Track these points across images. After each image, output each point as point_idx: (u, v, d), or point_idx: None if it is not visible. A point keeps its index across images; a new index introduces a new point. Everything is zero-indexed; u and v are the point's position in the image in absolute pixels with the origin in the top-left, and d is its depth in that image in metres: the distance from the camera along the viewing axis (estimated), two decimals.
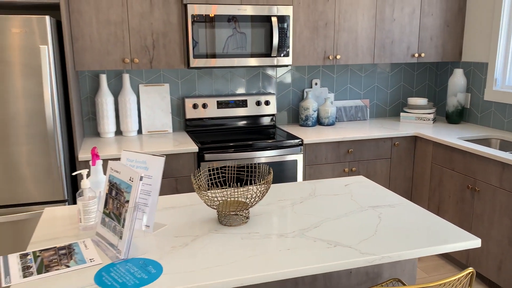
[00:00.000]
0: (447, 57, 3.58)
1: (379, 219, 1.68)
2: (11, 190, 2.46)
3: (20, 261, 1.38)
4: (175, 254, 1.42)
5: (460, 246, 1.48)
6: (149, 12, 2.84)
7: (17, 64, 2.34)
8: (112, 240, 1.42)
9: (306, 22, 3.18)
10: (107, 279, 1.27)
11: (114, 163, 1.49)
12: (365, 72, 3.76)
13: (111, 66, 2.84)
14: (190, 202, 1.88)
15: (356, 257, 1.39)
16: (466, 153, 2.83)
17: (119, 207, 1.43)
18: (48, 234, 1.58)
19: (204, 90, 3.39)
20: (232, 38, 2.95)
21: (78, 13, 2.72)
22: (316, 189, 2.05)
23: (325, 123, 3.50)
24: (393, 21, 3.38)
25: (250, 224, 1.65)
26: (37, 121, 2.42)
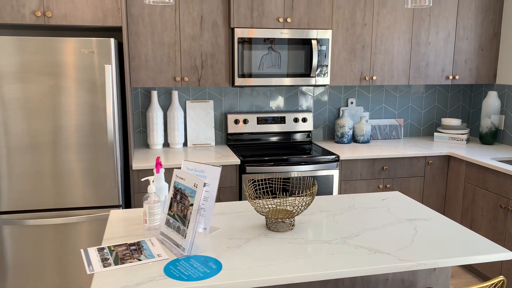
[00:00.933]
0: (481, 79, 3.67)
1: (415, 231, 1.82)
2: (68, 194, 2.71)
3: (98, 254, 1.59)
4: (231, 253, 1.60)
5: (492, 257, 1.60)
6: (199, 35, 3.09)
7: (85, 81, 2.61)
8: (177, 239, 1.62)
9: (344, 44, 3.36)
10: (175, 271, 1.46)
11: (179, 171, 1.70)
12: (399, 93, 3.89)
13: (163, 84, 3.09)
14: (239, 210, 2.07)
15: (395, 263, 1.53)
16: (500, 173, 2.92)
17: (183, 209, 1.62)
18: (117, 232, 1.80)
19: (245, 107, 3.60)
20: (273, 60, 3.16)
21: (136, 35, 2.99)
22: (355, 202, 2.20)
23: (360, 141, 3.64)
24: (428, 45, 3.52)
25: (296, 231, 1.82)
26: (99, 132, 2.68)
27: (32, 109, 2.58)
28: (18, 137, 2.60)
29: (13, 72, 2.53)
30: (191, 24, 3.06)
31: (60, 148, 2.65)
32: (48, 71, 2.57)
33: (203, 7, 3.05)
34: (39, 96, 2.58)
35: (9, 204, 2.66)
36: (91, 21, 2.70)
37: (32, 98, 2.57)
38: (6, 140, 2.59)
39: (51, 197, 2.70)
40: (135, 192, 2.92)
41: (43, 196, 2.69)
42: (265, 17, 3.12)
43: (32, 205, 2.69)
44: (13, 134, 2.59)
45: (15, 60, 2.52)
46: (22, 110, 2.57)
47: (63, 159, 2.67)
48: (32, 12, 2.62)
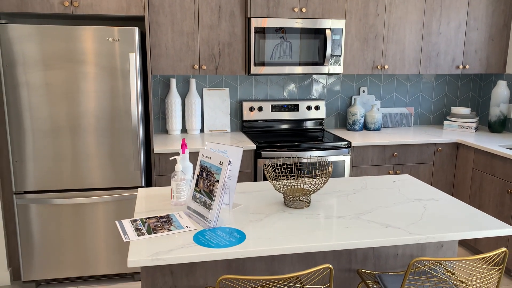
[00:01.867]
0: (491, 69, 3.75)
1: (424, 209, 1.94)
2: (92, 176, 2.86)
3: (132, 225, 1.73)
4: (253, 226, 1.73)
5: (496, 232, 1.72)
6: (217, 24, 3.20)
7: (109, 68, 2.75)
8: (203, 212, 1.76)
9: (357, 34, 3.45)
10: (203, 240, 1.60)
11: (205, 150, 1.83)
12: (410, 82, 3.98)
13: (182, 72, 3.21)
14: (258, 189, 2.20)
15: (405, 236, 1.66)
16: (507, 160, 3.02)
17: (209, 185, 1.76)
18: (147, 207, 1.94)
19: (260, 95, 3.72)
20: (288, 48, 3.27)
21: (157, 24, 3.12)
22: (367, 184, 2.32)
23: (371, 128, 3.75)
24: (439, 35, 3.60)
25: (312, 208, 1.95)
26: (124, 117, 2.82)
27: (57, 95, 2.73)
28: (44, 121, 2.75)
29: (39, 59, 2.67)
30: (209, 13, 3.18)
31: (84, 132, 2.80)
32: (73, 58, 2.70)
33: None
34: (64, 82, 2.72)
35: (35, 184, 2.82)
36: (115, 10, 2.83)
37: (58, 84, 2.72)
38: (32, 124, 2.74)
39: (74, 178, 2.85)
40: (156, 174, 3.06)
41: (66, 177, 2.84)
42: (280, 7, 3.22)
43: (56, 185, 2.84)
44: (40, 118, 2.74)
45: (42, 47, 2.66)
46: (47, 95, 2.72)
47: (86, 142, 2.81)
48: (60, 2, 2.75)
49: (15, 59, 2.65)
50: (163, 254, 1.50)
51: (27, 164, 2.78)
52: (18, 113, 2.71)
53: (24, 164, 2.78)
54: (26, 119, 2.73)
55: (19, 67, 2.66)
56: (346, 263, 1.95)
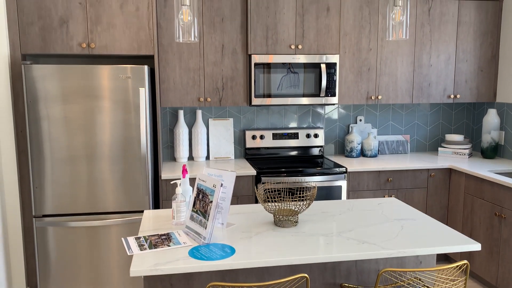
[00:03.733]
0: (481, 98, 3.95)
1: (401, 227, 2.13)
2: (103, 200, 3.12)
3: (136, 241, 1.96)
4: (243, 242, 1.94)
5: (462, 248, 1.89)
6: (221, 61, 3.50)
7: (122, 102, 3.04)
8: (199, 230, 1.98)
9: (351, 67, 3.71)
10: (197, 254, 1.82)
11: (201, 174, 2.07)
12: (406, 110, 4.20)
13: (189, 104, 3.49)
14: (251, 210, 2.42)
15: (378, 250, 1.84)
16: (494, 184, 3.18)
17: (204, 206, 1.99)
18: (151, 226, 2.17)
19: (261, 124, 3.97)
20: (286, 81, 3.53)
21: (166, 61, 3.42)
22: (354, 206, 2.52)
23: (368, 155, 3.95)
24: (430, 67, 3.83)
25: (299, 227, 2.15)
26: (133, 146, 3.09)
27: (74, 126, 3.02)
28: (62, 150, 3.03)
29: (59, 95, 2.98)
30: (214, 51, 3.48)
31: (97, 160, 3.07)
32: (90, 94, 3.01)
33: (224, 37, 3.47)
34: (81, 115, 3.02)
35: (53, 208, 3.08)
36: (127, 50, 3.15)
37: (75, 117, 3.01)
38: (51, 153, 3.02)
39: (89, 202, 3.11)
40: (163, 199, 3.30)
41: (81, 201, 3.10)
42: (278, 45, 3.51)
43: (73, 209, 3.10)
44: (58, 148, 3.02)
45: (62, 85, 2.97)
46: (66, 127, 3.01)
47: (100, 169, 3.08)
48: (78, 44, 3.09)
49: (38, 95, 2.96)
50: (161, 265, 1.72)
51: (46, 190, 3.05)
52: (39, 143, 3.00)
53: (43, 190, 3.05)
54: (46, 149, 3.01)
55: (41, 102, 2.97)
56: (330, 277, 2.13)
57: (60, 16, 3.04)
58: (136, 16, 3.12)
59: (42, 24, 3.03)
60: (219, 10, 3.44)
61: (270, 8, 3.46)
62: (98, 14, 3.08)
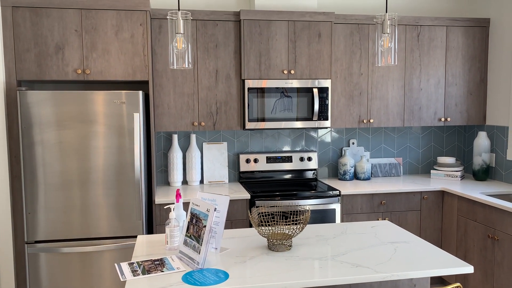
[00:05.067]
0: (471, 121, 4.02)
1: (394, 250, 2.14)
2: (96, 225, 3.10)
3: (129, 267, 1.95)
4: (237, 267, 1.94)
5: (455, 270, 1.90)
6: (215, 86, 3.55)
7: (116, 127, 3.06)
8: (192, 255, 1.97)
9: (343, 91, 3.77)
10: (191, 279, 1.81)
11: (195, 199, 2.08)
12: (398, 134, 4.25)
13: (183, 128, 3.52)
14: (246, 234, 2.42)
15: (372, 274, 1.85)
16: (486, 206, 3.20)
17: (198, 230, 1.99)
18: (144, 252, 2.16)
19: (255, 147, 4.00)
20: (279, 105, 3.58)
21: (160, 86, 3.47)
22: (347, 229, 2.53)
23: (362, 178, 3.97)
24: (420, 90, 3.90)
25: (292, 251, 2.15)
26: (126, 171, 3.10)
27: (69, 151, 3.03)
28: (56, 176, 3.03)
29: (54, 121, 3.00)
30: (207, 76, 3.53)
31: (91, 185, 3.07)
32: (84, 119, 3.03)
33: (217, 63, 3.53)
34: (75, 140, 3.03)
35: (46, 234, 3.06)
36: (122, 76, 3.19)
37: (70, 142, 3.02)
38: (44, 178, 3.02)
39: (81, 228, 3.09)
40: (157, 224, 3.29)
41: (74, 227, 3.08)
42: (271, 70, 3.57)
43: (65, 235, 3.08)
44: (52, 173, 3.02)
45: (56, 110, 2.99)
46: (60, 152, 3.02)
47: (93, 194, 3.08)
48: (74, 70, 3.13)
49: (32, 121, 2.98)
50: None
51: (38, 215, 3.03)
52: (32, 168, 3.00)
53: (36, 215, 3.03)
54: (39, 174, 3.01)
55: (35, 128, 2.98)
56: None
57: (56, 43, 3.09)
58: (131, 42, 3.18)
59: (38, 51, 3.07)
60: (213, 36, 3.51)
61: (263, 34, 3.54)
62: (94, 41, 3.13)
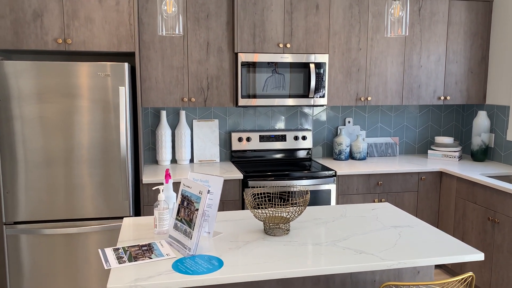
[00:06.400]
0: (471, 100, 3.89)
1: (399, 235, 2.01)
2: (82, 206, 2.93)
3: (114, 253, 1.80)
4: (232, 253, 1.80)
5: (465, 258, 1.78)
6: (206, 59, 3.34)
7: (100, 101, 2.86)
8: (183, 240, 1.82)
9: (340, 67, 3.60)
10: (182, 267, 1.66)
11: (186, 180, 1.91)
12: (395, 112, 4.11)
13: (172, 104, 3.33)
14: (240, 217, 2.27)
15: (377, 262, 1.72)
16: (487, 188, 3.10)
17: (189, 214, 1.83)
18: (130, 236, 2.00)
19: (248, 126, 3.83)
20: (273, 81, 3.40)
21: (147, 59, 3.25)
22: (347, 211, 2.40)
23: (357, 158, 3.84)
24: (420, 68, 3.75)
25: (290, 235, 2.01)
26: (112, 149, 2.91)
27: (49, 127, 2.83)
28: (37, 153, 2.83)
29: (34, 94, 2.78)
30: (198, 49, 3.32)
31: (74, 163, 2.88)
32: (67, 92, 2.82)
33: (209, 34, 3.32)
34: (57, 115, 2.83)
35: (26, 215, 2.88)
36: (107, 47, 2.97)
37: (51, 117, 2.82)
38: (24, 155, 2.82)
39: (65, 208, 2.91)
40: (145, 204, 3.13)
41: (58, 207, 2.90)
42: (266, 43, 3.37)
43: (48, 215, 2.90)
44: (32, 150, 2.83)
45: (36, 82, 2.77)
46: (41, 128, 2.82)
47: (77, 173, 2.89)
48: (54, 39, 2.89)
49: (10, 94, 2.76)
50: (141, 281, 1.56)
51: (18, 195, 2.85)
52: (11, 145, 2.80)
53: (15, 195, 2.84)
54: (19, 151, 2.81)
55: (13, 101, 2.77)
56: None
57: (33, 9, 2.84)
58: (116, 10, 2.95)
59: (14, 18, 2.83)
60: (204, 5, 3.29)
61: (258, 4, 3.32)
62: (75, 8, 2.89)
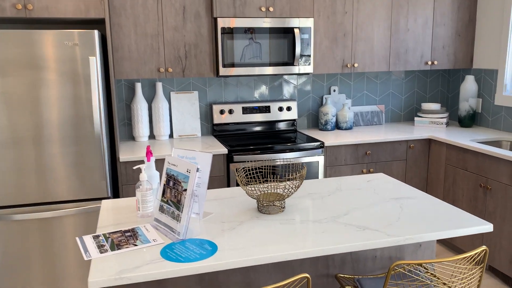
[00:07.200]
0: (458, 64, 3.78)
1: (401, 209, 1.89)
2: (56, 188, 2.70)
3: (94, 241, 1.61)
4: (225, 236, 1.64)
5: (474, 230, 1.68)
6: (182, 25, 3.09)
7: (68, 74, 2.60)
8: (171, 224, 1.65)
9: (326, 33, 3.41)
10: (172, 254, 1.50)
11: (171, 158, 1.72)
12: (380, 79, 3.97)
13: (147, 75, 3.09)
14: (229, 195, 2.11)
15: (384, 238, 1.59)
16: (479, 154, 3.02)
17: (177, 195, 1.65)
18: (111, 221, 1.81)
19: (230, 97, 3.62)
20: (258, 48, 3.19)
21: (119, 26, 2.98)
22: (342, 184, 2.26)
23: (343, 128, 3.71)
24: (407, 31, 3.60)
25: (286, 213, 1.87)
26: (85, 125, 2.67)
27: (14, 103, 2.56)
28: (3, 132, 2.57)
29: None
30: (174, 14, 3.07)
31: (45, 142, 2.64)
32: (31, 64, 2.54)
33: None
34: (21, 90, 2.56)
35: None
36: (73, 13, 2.68)
37: (15, 92, 2.55)
38: None
39: (38, 192, 2.68)
40: (123, 184, 2.92)
41: (29, 190, 2.67)
42: (247, 6, 3.14)
43: (19, 200, 2.67)
44: None
45: None
46: (4, 104, 2.55)
47: (49, 153, 2.65)
48: (12, 5, 2.59)
49: None
50: (127, 272, 1.39)
51: None
52: None
53: None
54: None
55: None
56: (323, 268, 1.88)
57: None
58: None
59: None
60: None
61: None
62: None
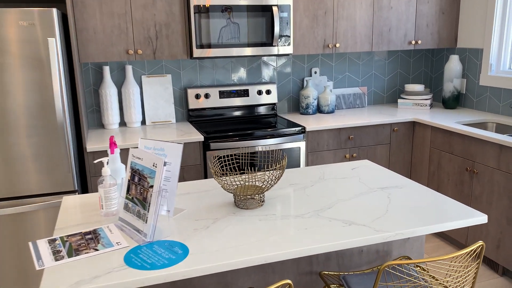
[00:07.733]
0: (443, 43, 3.65)
1: (388, 200, 1.76)
2: (20, 182, 2.49)
3: (49, 246, 1.43)
4: (198, 236, 1.48)
5: (468, 222, 1.55)
6: (152, 3, 2.86)
7: (25, 57, 2.36)
8: (137, 224, 1.48)
9: (306, 11, 3.22)
10: (137, 260, 1.33)
11: (136, 150, 1.54)
12: (362, 60, 3.82)
13: (115, 58, 2.86)
14: (204, 188, 1.94)
15: (372, 234, 1.46)
16: (465, 137, 2.92)
17: (142, 192, 1.48)
18: (71, 221, 1.63)
19: (206, 80, 3.43)
20: (234, 28, 2.99)
21: (82, 5, 2.74)
22: (325, 173, 2.12)
23: (325, 111, 3.56)
24: (390, 9, 3.44)
25: (266, 207, 1.71)
26: (47, 113, 2.45)
27: None
28: None
29: None
30: None
31: (6, 132, 2.41)
32: None
33: None
34: None
35: None
36: None
37: None
38: None
39: (4, 186, 2.46)
40: (92, 176, 2.72)
41: None
42: None
43: None
44: None
45: None
46: None
47: (11, 143, 2.43)
48: None
49: None
50: (85, 283, 1.22)
51: None
52: None
53: None
54: None
55: None
56: (306, 265, 1.74)
57: None
58: None
59: None
60: None
61: None
62: None
